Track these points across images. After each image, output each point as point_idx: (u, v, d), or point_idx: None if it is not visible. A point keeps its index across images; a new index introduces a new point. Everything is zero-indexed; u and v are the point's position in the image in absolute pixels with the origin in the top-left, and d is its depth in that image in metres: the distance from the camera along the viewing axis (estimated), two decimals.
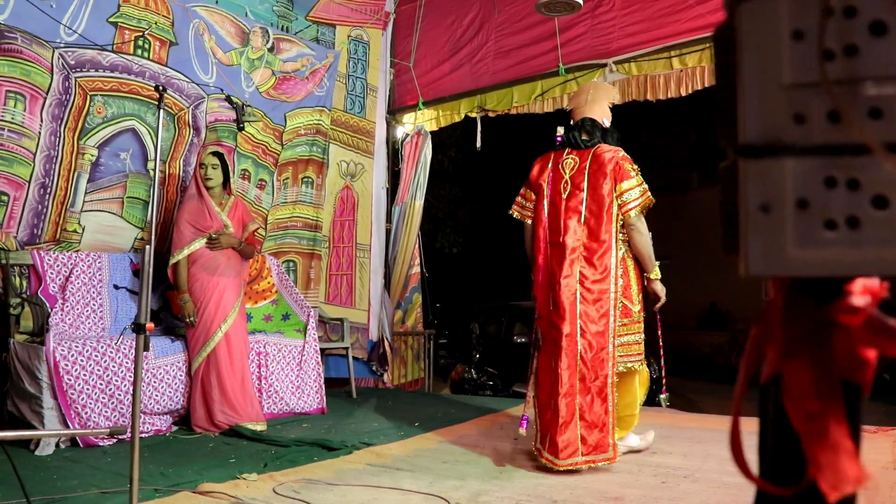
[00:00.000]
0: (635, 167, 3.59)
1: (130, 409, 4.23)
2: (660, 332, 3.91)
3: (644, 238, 3.62)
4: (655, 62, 5.58)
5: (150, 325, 2.44)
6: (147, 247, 2.43)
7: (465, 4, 6.80)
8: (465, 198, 14.45)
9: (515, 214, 3.85)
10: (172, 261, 4.58)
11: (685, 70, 5.44)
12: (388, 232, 7.12)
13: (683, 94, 5.45)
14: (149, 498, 3.02)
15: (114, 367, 4.15)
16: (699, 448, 3.95)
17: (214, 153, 4.71)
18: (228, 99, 4.98)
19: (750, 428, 0.91)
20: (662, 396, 4.06)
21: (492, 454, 3.91)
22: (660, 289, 3.73)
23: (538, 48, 6.21)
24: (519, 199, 3.85)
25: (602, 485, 3.25)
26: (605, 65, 5.82)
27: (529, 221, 3.79)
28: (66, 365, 3.96)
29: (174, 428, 4.57)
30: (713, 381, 11.04)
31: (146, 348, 2.44)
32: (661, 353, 4.07)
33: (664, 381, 4.46)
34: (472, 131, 6.83)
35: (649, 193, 3.57)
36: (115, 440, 4.14)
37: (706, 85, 5.38)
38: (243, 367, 4.65)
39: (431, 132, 7.13)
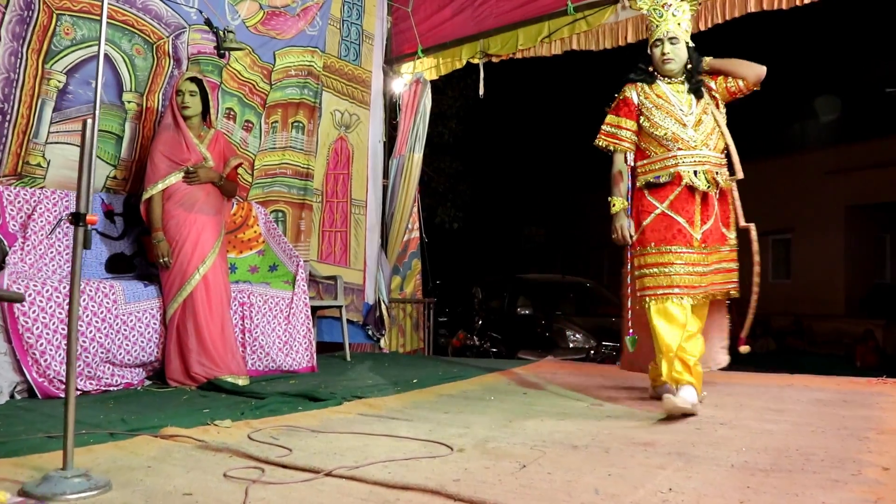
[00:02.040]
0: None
1: (95, 358, 3.85)
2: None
3: None
4: None
5: (91, 216, 2.01)
6: (89, 120, 2.00)
7: None
8: (466, 171, 14.00)
9: None
10: (145, 196, 4.14)
11: (704, 3, 5.00)
12: (384, 188, 6.68)
13: (702, 28, 5.01)
14: (104, 441, 2.60)
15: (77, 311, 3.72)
16: (731, 400, 3.54)
17: (192, 79, 4.27)
18: (208, 23, 4.53)
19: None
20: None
21: (499, 406, 3.49)
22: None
23: None
24: None
25: (628, 431, 2.83)
26: (617, 0, 5.39)
27: None
28: (23, 306, 3.54)
29: (147, 382, 4.14)
30: None
31: (86, 245, 2.01)
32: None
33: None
34: (473, 102, 6.39)
35: None
36: (77, 392, 3.72)
37: (726, 18, 4.94)
38: (223, 313, 4.22)
39: (433, 94, 6.69)
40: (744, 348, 3.44)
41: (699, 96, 3.46)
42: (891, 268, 16.69)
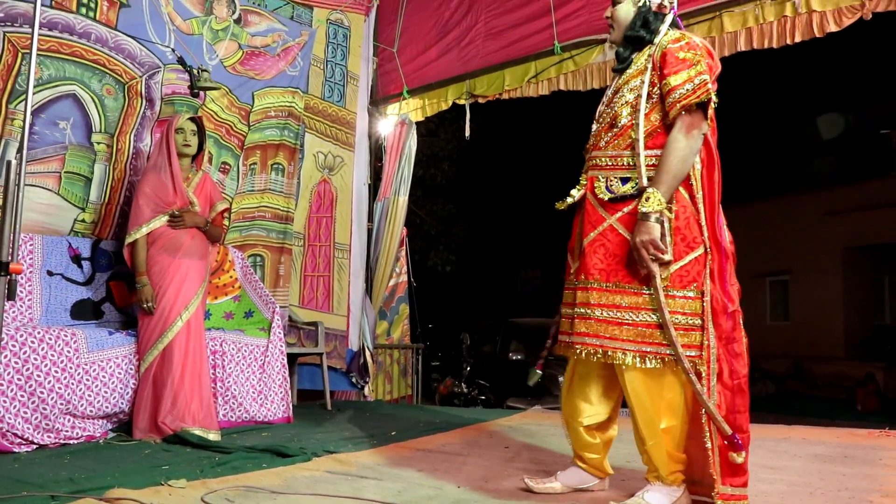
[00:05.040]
0: None
1: (54, 410, 3.64)
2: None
3: None
4: None
5: (15, 265, 1.84)
6: (13, 160, 1.84)
7: None
8: (459, 214, 13.88)
9: None
10: (129, 240, 3.97)
11: None
12: (369, 231, 6.52)
13: None
14: None
15: (35, 359, 3.53)
16: None
17: (192, 119, 4.16)
18: (181, 62, 4.40)
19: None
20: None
21: (477, 462, 3.29)
22: None
23: (531, 27, 5.67)
24: None
25: (611, 494, 2.62)
26: (604, 40, 5.27)
27: None
28: None
29: (111, 434, 3.92)
30: None
31: (10, 297, 1.83)
32: None
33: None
34: (466, 144, 6.30)
35: None
36: (34, 446, 3.51)
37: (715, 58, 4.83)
38: (202, 363, 4.01)
39: (421, 138, 6.61)
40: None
41: (623, 69, 2.62)
42: (890, 309, 16.51)
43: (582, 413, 2.66)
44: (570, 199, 2.69)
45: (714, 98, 2.42)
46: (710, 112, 2.44)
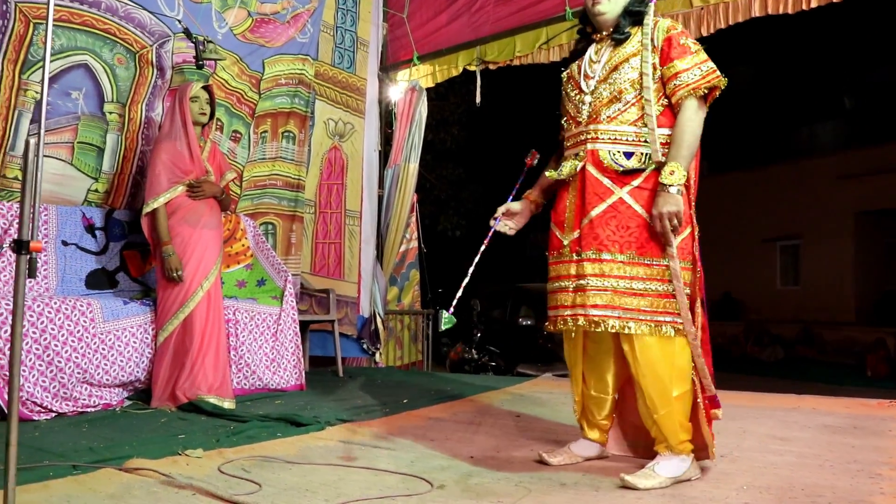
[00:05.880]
0: None
1: (72, 379, 3.69)
2: None
3: None
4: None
5: (35, 243, 1.86)
6: (32, 140, 1.85)
7: None
8: (468, 178, 13.83)
9: None
10: (147, 209, 3.93)
11: (706, 7, 4.85)
12: (380, 198, 6.52)
13: (705, 34, 4.85)
14: (63, 475, 2.44)
15: (52, 329, 3.57)
16: (734, 425, 3.35)
17: (204, 87, 4.15)
18: (187, 32, 4.36)
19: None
20: None
21: (489, 431, 3.33)
22: None
23: None
24: None
25: (621, 466, 2.66)
26: None
27: None
28: None
29: (127, 402, 3.98)
30: (728, 371, 10.44)
31: (31, 274, 1.86)
32: None
33: None
34: (476, 108, 6.26)
35: None
36: (52, 414, 3.58)
37: (730, 22, 4.78)
38: (220, 332, 4.04)
39: (431, 102, 6.56)
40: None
41: (618, 44, 2.61)
42: None
43: (593, 386, 2.73)
44: (565, 171, 2.68)
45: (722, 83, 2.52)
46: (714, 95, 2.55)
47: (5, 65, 3.96)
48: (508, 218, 2.92)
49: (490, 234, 2.89)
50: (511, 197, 2.90)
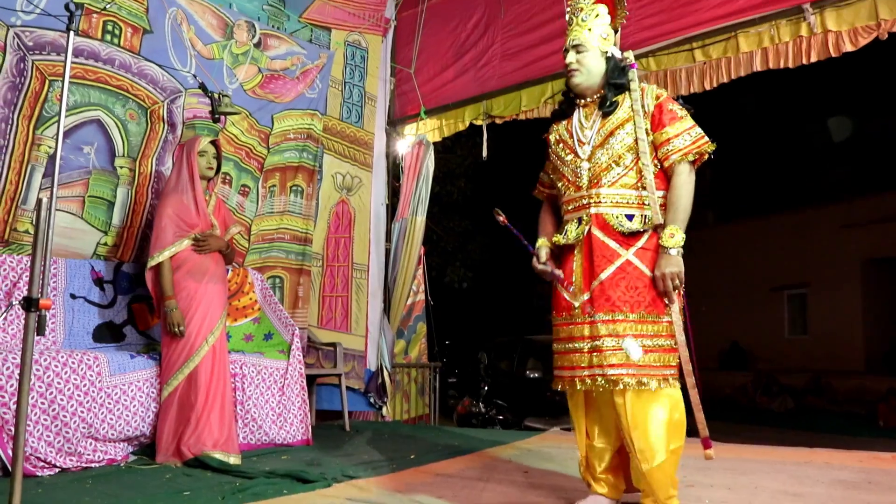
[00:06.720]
0: None
1: (77, 433, 3.67)
2: None
3: None
4: (676, 55, 5.05)
5: (45, 301, 1.87)
6: (44, 197, 1.88)
7: (470, 7, 6.32)
8: (475, 230, 13.87)
9: None
10: (152, 262, 3.95)
11: (709, 62, 4.91)
12: (387, 252, 6.55)
13: (707, 88, 4.91)
14: None
15: (58, 383, 3.57)
16: (745, 480, 3.31)
17: (212, 142, 4.22)
18: (202, 87, 4.45)
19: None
20: None
21: (497, 489, 3.29)
22: None
23: (548, 47, 5.68)
24: None
25: None
26: None
27: None
28: (0, 379, 3.39)
29: (132, 457, 3.95)
30: (736, 422, 10.34)
31: (40, 332, 1.86)
32: None
33: None
34: (482, 161, 6.32)
35: None
36: (56, 470, 3.55)
37: (733, 76, 4.84)
38: (226, 386, 4.02)
39: (437, 154, 6.63)
40: None
41: (608, 115, 2.72)
42: None
43: (595, 437, 2.78)
44: (572, 235, 2.75)
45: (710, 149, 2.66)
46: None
47: (20, 120, 4.04)
48: (552, 264, 2.88)
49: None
50: (531, 246, 2.96)
